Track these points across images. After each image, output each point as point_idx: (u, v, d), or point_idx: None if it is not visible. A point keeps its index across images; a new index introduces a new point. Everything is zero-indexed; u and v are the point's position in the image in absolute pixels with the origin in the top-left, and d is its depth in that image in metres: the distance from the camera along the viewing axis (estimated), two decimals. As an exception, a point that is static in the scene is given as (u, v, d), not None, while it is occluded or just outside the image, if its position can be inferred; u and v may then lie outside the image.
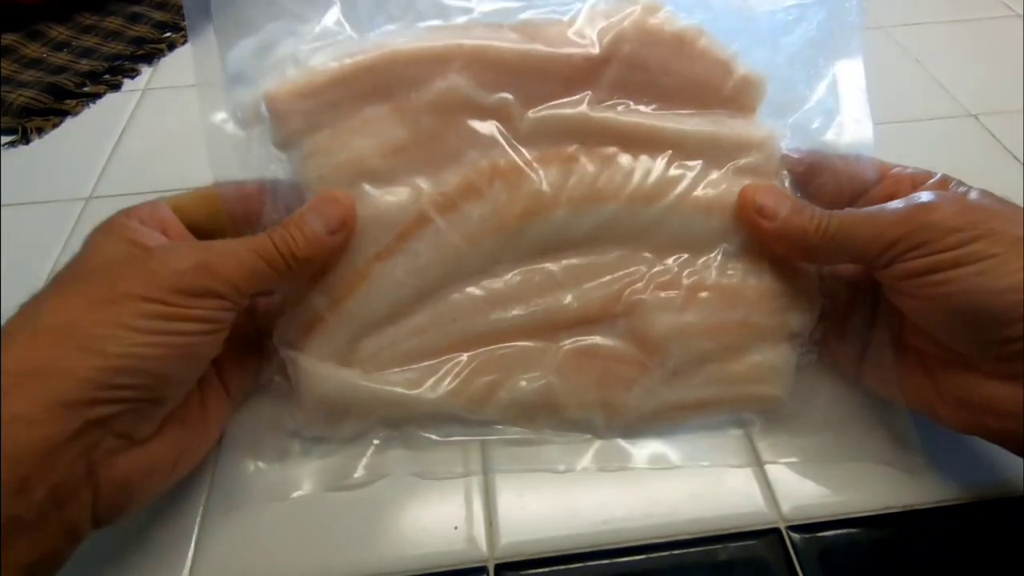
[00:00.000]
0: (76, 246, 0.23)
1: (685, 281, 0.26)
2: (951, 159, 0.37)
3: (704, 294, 0.26)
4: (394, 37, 0.25)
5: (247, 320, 0.26)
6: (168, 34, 0.49)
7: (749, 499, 0.24)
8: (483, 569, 0.23)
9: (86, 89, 0.44)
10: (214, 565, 0.23)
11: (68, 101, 0.43)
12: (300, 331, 0.25)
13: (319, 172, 0.25)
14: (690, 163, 0.26)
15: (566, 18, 0.26)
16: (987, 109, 0.40)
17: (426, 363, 0.26)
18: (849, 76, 0.27)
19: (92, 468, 0.20)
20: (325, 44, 0.25)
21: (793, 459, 0.25)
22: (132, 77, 0.46)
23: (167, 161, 0.40)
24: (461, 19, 0.26)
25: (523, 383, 0.25)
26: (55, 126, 0.42)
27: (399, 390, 0.25)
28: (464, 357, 0.26)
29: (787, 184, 0.27)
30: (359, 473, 0.25)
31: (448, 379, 0.25)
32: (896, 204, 0.23)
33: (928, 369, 0.24)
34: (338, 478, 0.25)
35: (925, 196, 0.23)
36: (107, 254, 0.22)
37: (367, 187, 0.25)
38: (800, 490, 0.25)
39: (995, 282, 0.20)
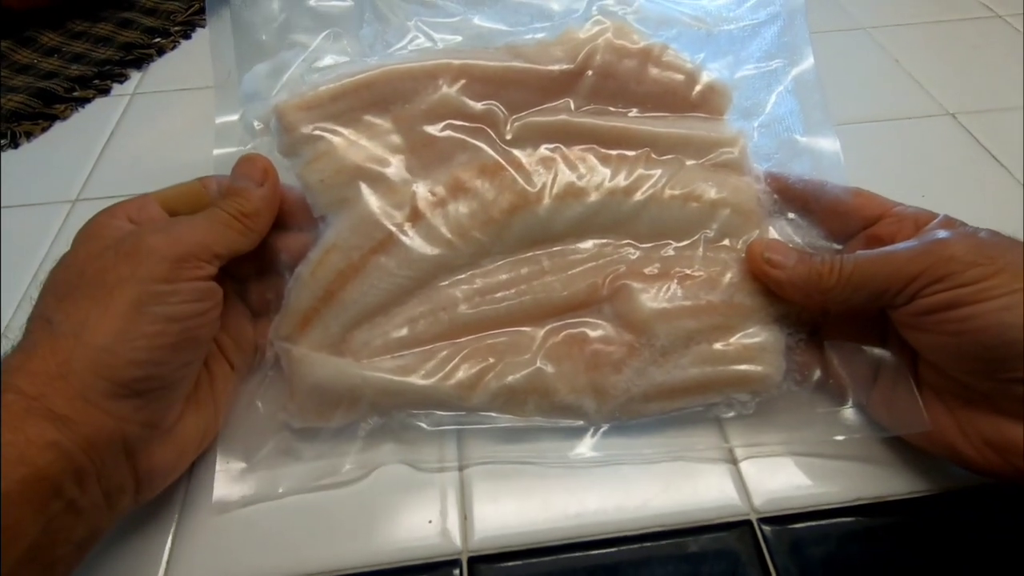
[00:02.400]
0: (63, 248, 0.23)
1: (667, 266, 0.27)
2: (929, 157, 0.38)
3: (686, 277, 0.27)
4: (390, 59, 0.28)
5: (238, 300, 0.28)
6: (157, 40, 0.49)
7: (721, 492, 0.25)
8: (456, 562, 0.23)
9: (75, 94, 0.45)
10: (190, 561, 0.24)
11: (57, 106, 0.44)
12: (295, 326, 0.26)
13: (320, 176, 0.27)
14: (665, 158, 0.28)
15: (543, 38, 0.29)
16: (965, 108, 0.41)
17: (417, 350, 0.26)
18: (805, 81, 0.30)
19: (131, 458, 0.21)
20: (330, 67, 0.29)
21: (766, 449, 0.26)
22: (121, 82, 0.46)
23: (155, 164, 0.40)
24: (451, 41, 0.30)
25: (513, 368, 0.26)
26: (44, 130, 0.42)
27: (391, 376, 0.25)
28: (455, 345, 0.26)
29: (774, 199, 0.28)
30: (347, 468, 0.25)
31: (439, 365, 0.26)
32: (910, 243, 0.23)
33: (949, 407, 0.23)
34: (322, 476, 0.25)
35: (940, 233, 0.23)
36: (96, 257, 0.22)
37: (364, 187, 0.27)
38: (772, 482, 0.25)
39: (1021, 318, 0.20)
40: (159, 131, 0.42)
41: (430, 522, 0.24)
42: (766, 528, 0.24)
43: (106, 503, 0.21)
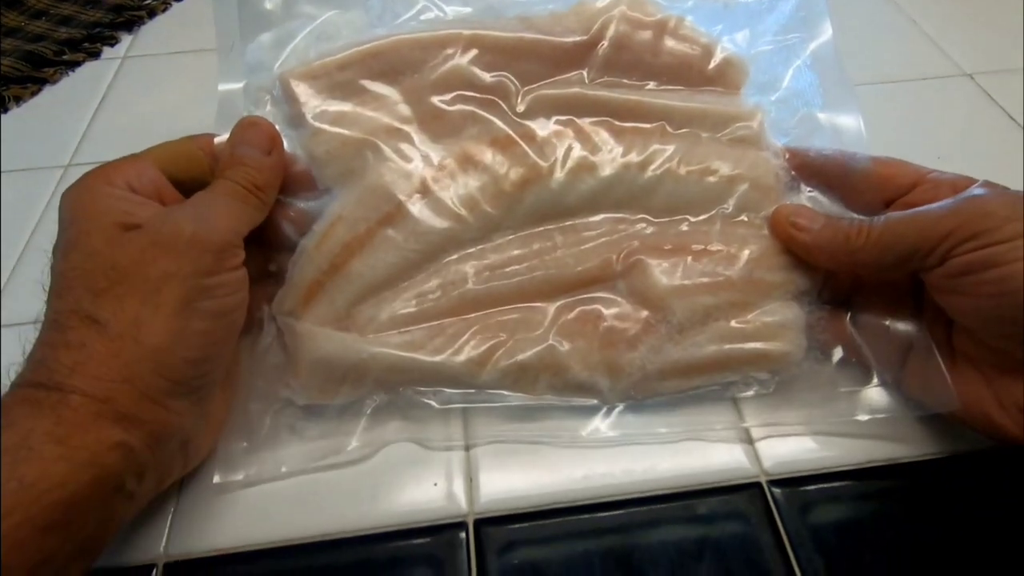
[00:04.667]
0: (54, 214, 0.22)
1: (683, 241, 0.27)
2: (946, 119, 0.37)
3: (704, 252, 0.26)
4: (399, 30, 0.28)
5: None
6: (148, 1, 0.48)
7: (730, 454, 0.25)
8: (462, 524, 0.23)
9: (65, 57, 0.43)
10: (191, 528, 0.23)
11: (46, 69, 0.42)
12: (299, 300, 0.26)
13: (327, 147, 0.26)
14: (680, 132, 0.28)
15: (556, 9, 0.28)
16: (982, 69, 0.40)
17: (425, 326, 0.26)
18: (824, 55, 0.29)
19: (184, 447, 0.22)
20: (337, 38, 0.28)
21: (785, 428, 0.25)
22: (112, 45, 0.45)
23: (146, 128, 0.39)
24: (461, 12, 0.29)
25: (524, 345, 0.25)
26: (33, 94, 0.41)
27: (398, 352, 0.25)
28: (464, 321, 0.26)
29: (792, 175, 0.28)
30: (352, 446, 0.25)
31: (448, 341, 0.25)
32: (943, 201, 0.22)
33: (986, 377, 0.22)
34: (327, 455, 0.25)
35: (975, 190, 0.22)
36: (120, 243, 0.21)
37: (371, 158, 0.26)
38: (782, 444, 0.25)
39: None
40: (151, 95, 0.41)
41: (435, 485, 0.24)
42: (776, 491, 0.24)
43: (156, 488, 0.22)
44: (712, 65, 0.28)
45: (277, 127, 0.26)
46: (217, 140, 0.26)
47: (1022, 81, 0.39)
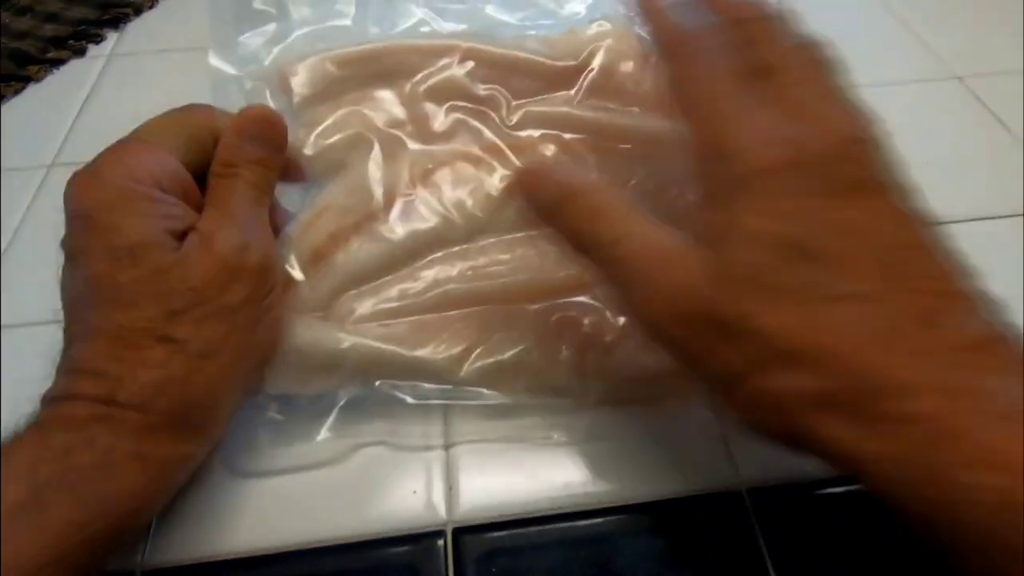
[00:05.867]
0: (38, 213, 0.22)
1: None
2: (935, 122, 0.37)
3: None
4: (394, 38, 0.30)
5: None
6: (135, -2, 0.47)
7: (711, 463, 0.24)
8: (441, 533, 0.23)
9: (49, 55, 0.43)
10: (174, 535, 0.23)
11: (31, 67, 0.42)
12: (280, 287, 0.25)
13: (319, 140, 0.27)
14: (663, 155, 0.28)
15: (547, 36, 0.30)
16: (972, 72, 0.39)
17: (405, 319, 0.26)
18: None
19: None
20: (334, 38, 0.29)
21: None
22: (97, 42, 0.44)
23: (133, 127, 0.39)
24: (458, 27, 0.31)
25: (503, 345, 0.25)
26: (17, 92, 0.41)
27: (377, 343, 0.25)
28: (445, 318, 0.26)
29: None
30: (322, 436, 0.25)
31: (428, 336, 0.25)
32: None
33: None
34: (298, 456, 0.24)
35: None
36: (188, 265, 0.20)
37: (362, 154, 0.27)
38: (764, 453, 0.24)
39: None
40: (137, 93, 0.41)
41: (414, 492, 0.24)
42: (753, 499, 0.23)
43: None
44: None
45: None
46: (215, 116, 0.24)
47: (1012, 84, 0.38)
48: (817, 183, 0.17)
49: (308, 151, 0.27)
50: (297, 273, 0.26)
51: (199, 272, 0.21)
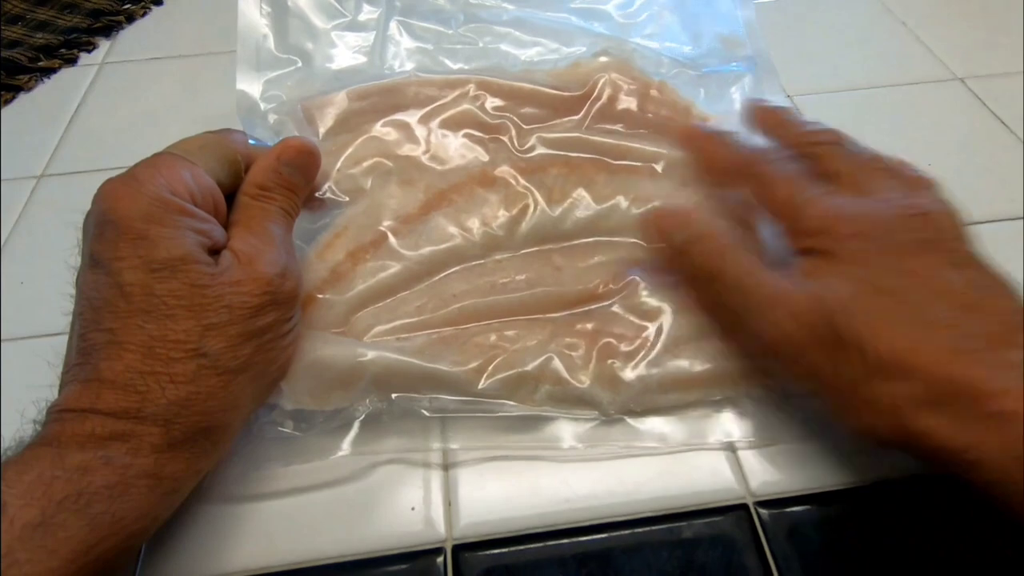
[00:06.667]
0: (27, 225, 0.22)
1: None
2: (937, 124, 0.36)
3: None
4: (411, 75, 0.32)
5: None
6: (127, 6, 0.47)
7: (716, 475, 0.24)
8: (440, 550, 0.22)
9: (40, 64, 0.42)
10: (169, 552, 0.22)
11: (21, 76, 0.41)
12: (299, 304, 0.25)
13: (337, 166, 0.29)
14: (669, 176, 0.29)
15: (553, 69, 0.33)
16: (974, 73, 0.39)
17: (424, 333, 0.26)
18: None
19: None
20: (350, 74, 0.33)
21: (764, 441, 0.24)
22: (89, 51, 0.44)
23: (124, 137, 0.38)
24: (467, 67, 0.34)
25: (524, 355, 0.25)
26: (7, 102, 0.40)
27: (397, 355, 0.24)
28: (465, 331, 0.26)
29: None
30: (342, 452, 0.24)
31: (448, 349, 0.25)
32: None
33: None
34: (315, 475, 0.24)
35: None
36: (225, 285, 0.21)
37: (380, 179, 0.28)
38: (769, 465, 0.24)
39: None
40: (129, 103, 0.40)
41: (413, 509, 0.23)
42: (763, 512, 0.23)
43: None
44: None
45: None
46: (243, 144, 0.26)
47: (1014, 86, 0.38)
48: (886, 244, 0.22)
49: (329, 177, 0.28)
50: (316, 291, 0.26)
51: (241, 291, 0.21)
